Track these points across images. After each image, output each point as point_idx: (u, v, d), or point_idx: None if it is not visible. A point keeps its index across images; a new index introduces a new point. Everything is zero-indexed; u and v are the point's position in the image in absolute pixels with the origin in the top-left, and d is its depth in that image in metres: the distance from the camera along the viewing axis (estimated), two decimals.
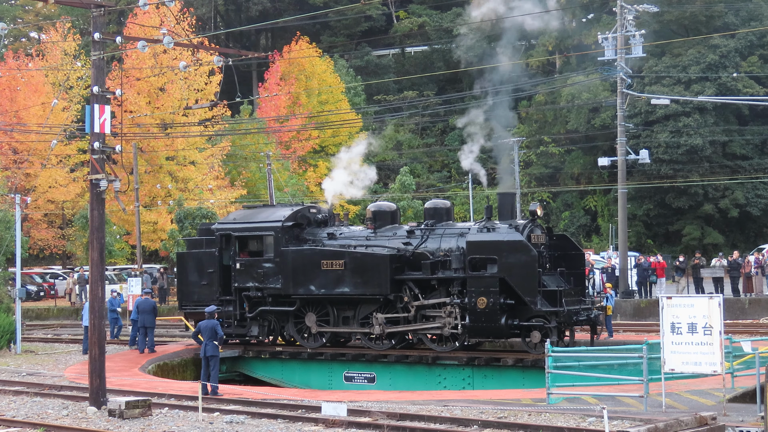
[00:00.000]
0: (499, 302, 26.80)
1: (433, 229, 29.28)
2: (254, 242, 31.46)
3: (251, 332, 31.65)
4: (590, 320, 27.65)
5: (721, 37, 62.32)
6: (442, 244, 28.66)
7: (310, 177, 68.50)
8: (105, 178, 20.64)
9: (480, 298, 26.98)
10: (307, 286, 29.90)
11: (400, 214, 32.55)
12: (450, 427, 17.77)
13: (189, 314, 33.56)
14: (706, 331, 17.79)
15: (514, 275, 26.73)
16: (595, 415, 17.75)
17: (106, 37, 20.74)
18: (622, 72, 43.70)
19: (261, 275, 30.85)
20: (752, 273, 42.03)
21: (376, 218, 30.60)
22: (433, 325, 28.37)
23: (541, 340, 26.31)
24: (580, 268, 28.75)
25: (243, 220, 32.24)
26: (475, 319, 27.21)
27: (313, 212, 31.99)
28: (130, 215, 53.29)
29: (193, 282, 32.32)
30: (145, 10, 53.78)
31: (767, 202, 63.54)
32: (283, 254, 30.32)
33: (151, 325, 33.36)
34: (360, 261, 29.03)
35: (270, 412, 20.40)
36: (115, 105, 44.12)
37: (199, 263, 32.19)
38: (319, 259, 29.63)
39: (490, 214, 28.88)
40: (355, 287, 29.07)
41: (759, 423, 16.71)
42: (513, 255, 26.78)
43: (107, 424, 19.56)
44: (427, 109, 79.05)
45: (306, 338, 30.77)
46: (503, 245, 27.02)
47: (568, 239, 29.78)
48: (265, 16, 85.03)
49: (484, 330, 27.33)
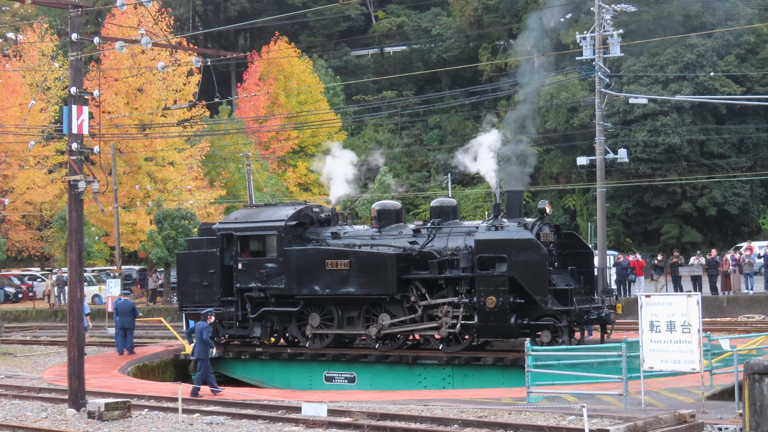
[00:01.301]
0: (508, 301, 26.38)
1: (439, 228, 28.84)
2: (257, 242, 31.01)
3: (253, 333, 31.09)
4: (601, 319, 27.44)
5: (699, 36, 62.58)
6: (449, 243, 28.23)
7: (290, 177, 68.45)
8: (83, 179, 20.58)
9: (489, 298, 26.55)
10: (311, 286, 29.41)
11: (404, 213, 31.99)
12: (430, 427, 17.79)
13: (190, 315, 32.91)
14: (684, 329, 17.87)
15: (524, 274, 26.34)
16: (574, 413, 17.81)
17: (84, 37, 20.66)
18: (600, 71, 43.83)
19: (264, 275, 30.35)
20: (730, 271, 42.27)
21: (381, 217, 30.13)
22: (432, 325, 28.04)
23: (551, 339, 26.04)
24: (589, 267, 28.36)
25: (245, 219, 31.72)
26: (484, 318, 26.76)
27: (316, 211, 31.51)
28: (108, 216, 53.10)
29: (194, 282, 31.80)
30: (123, 11, 53.56)
31: (744, 201, 63.88)
32: (286, 254, 29.85)
33: (131, 326, 33.28)
34: (366, 260, 28.58)
35: (250, 412, 20.38)
36: (93, 106, 43.99)
37: (200, 263, 31.68)
38: (323, 258, 29.17)
39: (498, 212, 28.30)
40: (361, 287, 28.60)
41: (737, 420, 16.80)
42: (523, 253, 26.37)
43: (86, 426, 19.49)
44: (406, 108, 79.12)
45: (309, 339, 30.28)
46: (513, 243, 26.63)
47: (576, 237, 29.40)
48: (243, 16, 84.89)
49: (494, 329, 26.84)
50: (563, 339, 25.90)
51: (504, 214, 28.50)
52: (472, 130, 76.75)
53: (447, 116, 79.16)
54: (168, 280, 54.65)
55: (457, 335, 27.97)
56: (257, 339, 31.32)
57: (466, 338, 27.90)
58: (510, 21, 78.57)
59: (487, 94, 70.87)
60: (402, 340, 29.28)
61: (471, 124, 77.96)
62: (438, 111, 77.74)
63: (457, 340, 28.13)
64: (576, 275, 27.51)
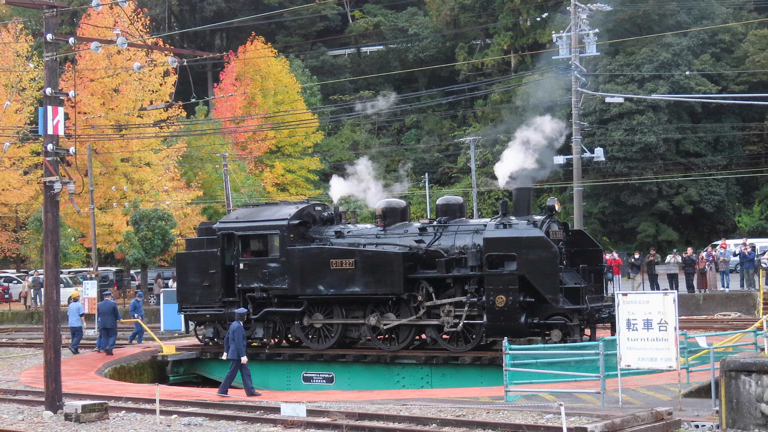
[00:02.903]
0: (518, 300, 26.03)
1: (446, 226, 28.44)
2: (259, 241, 30.65)
3: (255, 334, 30.71)
4: (612, 318, 27.28)
5: (674, 35, 62.89)
6: (456, 242, 27.86)
7: (267, 177, 68.33)
8: (59, 181, 20.47)
9: (499, 296, 26.18)
10: (315, 286, 29.03)
11: (409, 211, 31.53)
12: (409, 426, 17.79)
13: (190, 316, 32.72)
14: (661, 327, 17.94)
15: (535, 272, 25.97)
16: (552, 411, 17.84)
17: (59, 38, 20.55)
18: (577, 71, 44.01)
19: (266, 275, 29.99)
20: (706, 269, 42.47)
21: (386, 215, 29.72)
22: (433, 322, 27.74)
23: (561, 338, 25.74)
24: (598, 265, 28.00)
25: (246, 218, 31.31)
26: (493, 317, 26.37)
27: (319, 210, 31.12)
28: (84, 217, 52.87)
29: (194, 283, 31.41)
30: (98, 11, 53.35)
31: (720, 199, 64.22)
32: (289, 254, 29.45)
33: (112, 326, 33.24)
34: (371, 259, 28.18)
35: (228, 413, 20.32)
36: (68, 106, 43.77)
37: (200, 264, 31.30)
38: (327, 258, 28.78)
39: (506, 210, 27.85)
40: (367, 287, 28.21)
41: (714, 417, 16.88)
42: (533, 251, 26.00)
43: (63, 429, 19.40)
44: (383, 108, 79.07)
45: (312, 339, 29.96)
46: (523, 241, 26.25)
47: (585, 235, 29.10)
48: (219, 16, 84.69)
49: (503, 329, 26.23)
50: (574, 338, 25.59)
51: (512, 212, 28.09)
52: (449, 129, 76.98)
53: (424, 116, 79.24)
54: (144, 282, 54.46)
55: (466, 335, 27.60)
56: (259, 340, 30.98)
57: (474, 338, 27.54)
58: (486, 20, 78.72)
59: (464, 93, 71.02)
60: (408, 340, 28.71)
61: (448, 124, 78.12)
62: (415, 110, 77.80)
63: (466, 340, 27.75)
64: (586, 273, 27.15)
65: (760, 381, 15.62)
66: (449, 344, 28.10)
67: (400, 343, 28.72)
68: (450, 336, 28.03)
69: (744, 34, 67.15)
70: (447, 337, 28.17)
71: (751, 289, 40.51)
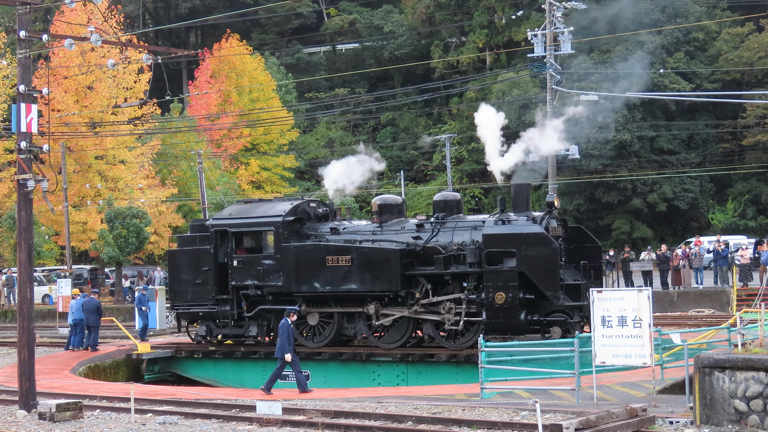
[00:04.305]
0: (518, 297, 25.87)
1: (443, 223, 28.13)
2: (253, 238, 30.29)
3: (249, 332, 30.38)
4: None
5: (648, 33, 63.17)
6: (454, 238, 27.60)
7: (242, 175, 68.19)
8: (32, 178, 20.37)
9: (498, 293, 25.96)
10: (310, 283, 28.68)
11: (405, 207, 31.16)
12: (385, 424, 17.79)
13: (182, 315, 32.07)
14: (635, 323, 18.02)
15: (535, 269, 25.77)
16: (528, 408, 17.89)
17: (33, 35, 20.44)
18: (552, 68, 44.12)
19: (260, 273, 29.63)
20: (680, 266, 42.69)
21: (382, 212, 29.41)
22: (433, 318, 27.53)
23: (561, 336, 25.51)
24: (597, 261, 27.75)
25: (240, 215, 30.95)
26: (492, 315, 26.16)
27: (313, 206, 30.80)
28: (58, 215, 52.56)
29: (187, 281, 31.00)
30: (72, 8, 52.95)
31: (694, 196, 64.58)
32: (284, 250, 29.10)
33: (95, 324, 33.20)
34: (368, 256, 27.85)
35: (204, 412, 20.27)
36: (42, 104, 43.53)
37: (193, 261, 30.92)
38: (324, 254, 28.45)
39: (504, 206, 27.58)
40: (363, 284, 27.91)
41: (688, 413, 16.98)
42: (533, 248, 25.84)
43: (37, 428, 19.29)
44: (358, 106, 79.12)
45: (307, 337, 29.71)
46: (523, 238, 26.05)
47: (584, 231, 28.86)
48: (194, 13, 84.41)
49: (503, 326, 26.16)
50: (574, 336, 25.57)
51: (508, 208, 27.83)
52: (425, 127, 77.04)
53: (399, 113, 79.27)
54: (119, 280, 54.22)
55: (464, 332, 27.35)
56: (253, 338, 30.65)
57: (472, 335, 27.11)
58: (462, 18, 78.82)
59: (440, 91, 71.07)
60: (404, 338, 28.44)
61: (423, 122, 78.16)
62: (390, 108, 77.82)
63: (460, 336, 27.53)
64: (586, 270, 26.96)
65: (733, 377, 15.72)
66: (447, 341, 27.77)
67: (397, 340, 28.40)
68: (447, 333, 27.75)
69: (718, 33, 67.57)
70: (444, 335, 27.90)
71: (724, 286, 40.75)
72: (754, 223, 64.06)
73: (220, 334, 31.08)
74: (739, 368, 15.67)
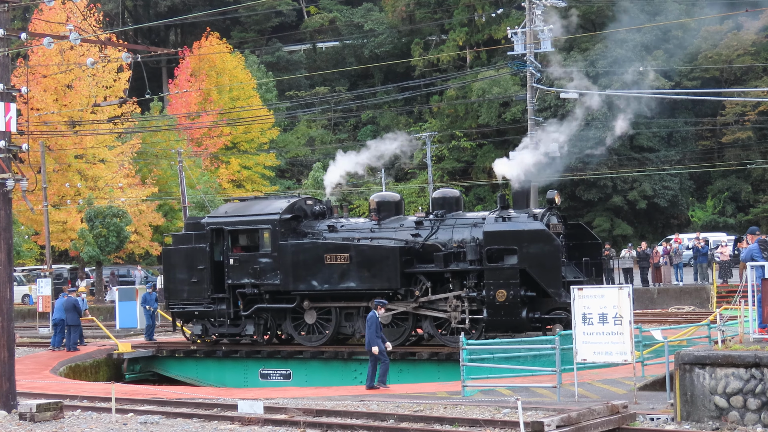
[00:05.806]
0: (519, 294, 25.79)
1: (443, 220, 27.96)
2: (249, 236, 30.09)
3: (246, 331, 30.20)
4: None
5: (628, 31, 63.33)
6: (454, 235, 27.43)
7: (223, 174, 68.07)
8: (11, 178, 20.26)
9: (499, 291, 25.87)
10: (308, 281, 28.51)
11: (404, 204, 30.99)
12: (367, 422, 17.78)
13: (177, 314, 31.79)
14: (616, 321, 18.05)
15: (536, 266, 25.67)
16: (509, 406, 17.91)
17: (11, 33, 20.32)
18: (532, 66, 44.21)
19: (257, 271, 29.39)
20: (661, 263, 42.85)
21: (380, 209, 29.15)
22: (436, 314, 27.37)
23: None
24: (598, 258, 27.74)
25: (236, 213, 30.71)
26: (493, 312, 26.06)
27: (310, 204, 30.55)
28: (38, 215, 52.31)
29: (182, 279, 30.81)
30: (51, 6, 52.68)
31: (674, 194, 64.85)
32: (281, 248, 28.90)
33: (73, 323, 33.04)
34: (367, 254, 27.66)
35: (185, 411, 20.20)
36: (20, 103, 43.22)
37: (188, 260, 30.72)
38: (321, 252, 28.23)
39: (504, 203, 27.49)
40: (362, 282, 27.72)
41: (669, 410, 17.03)
42: (534, 245, 25.72)
43: (18, 428, 19.19)
44: (339, 104, 79.08)
45: (305, 336, 29.55)
46: (524, 235, 25.94)
47: (584, 228, 28.77)
48: (174, 11, 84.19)
49: (504, 324, 26.07)
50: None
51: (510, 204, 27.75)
52: (405, 125, 77.05)
53: (380, 111, 79.29)
54: (100, 279, 54.05)
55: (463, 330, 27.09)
56: (249, 337, 30.48)
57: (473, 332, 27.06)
58: (442, 17, 78.86)
59: (420, 89, 71.12)
60: (404, 336, 28.31)
61: (404, 119, 78.17)
62: (371, 106, 77.83)
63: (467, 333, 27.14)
64: (588, 267, 26.95)
65: (714, 374, 15.78)
66: (447, 339, 27.57)
67: (397, 339, 28.08)
68: (448, 331, 27.57)
69: (697, 31, 67.79)
70: (445, 333, 27.75)
71: (704, 283, 40.95)
72: (734, 220, 64.38)
73: (216, 333, 30.91)
74: (720, 365, 15.73)
